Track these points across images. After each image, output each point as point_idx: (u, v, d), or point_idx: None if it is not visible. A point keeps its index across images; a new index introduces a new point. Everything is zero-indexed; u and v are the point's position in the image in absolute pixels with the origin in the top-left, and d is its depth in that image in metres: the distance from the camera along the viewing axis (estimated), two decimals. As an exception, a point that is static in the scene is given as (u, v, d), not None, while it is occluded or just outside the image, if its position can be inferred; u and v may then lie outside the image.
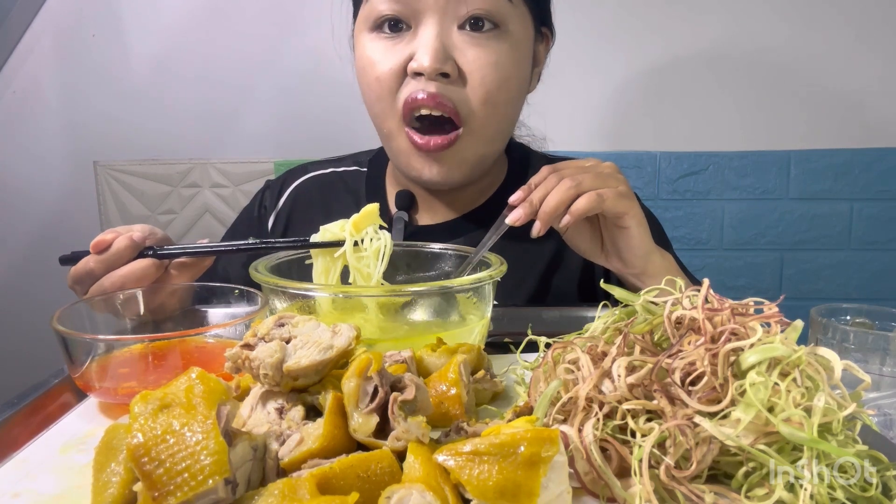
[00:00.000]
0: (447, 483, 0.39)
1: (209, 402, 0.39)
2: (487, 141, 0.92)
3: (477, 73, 0.85)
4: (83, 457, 0.49)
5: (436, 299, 0.71)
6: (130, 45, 1.70)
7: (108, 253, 0.73)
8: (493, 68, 0.85)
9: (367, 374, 0.44)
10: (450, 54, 0.84)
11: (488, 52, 0.85)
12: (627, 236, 0.81)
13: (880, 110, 1.70)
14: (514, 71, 0.89)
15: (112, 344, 0.59)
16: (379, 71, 0.86)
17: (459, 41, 0.84)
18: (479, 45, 0.85)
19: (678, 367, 0.44)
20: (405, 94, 0.86)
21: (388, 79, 0.86)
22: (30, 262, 1.76)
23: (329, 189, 1.09)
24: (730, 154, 1.73)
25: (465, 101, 0.86)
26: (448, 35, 0.84)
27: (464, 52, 0.84)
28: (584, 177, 0.78)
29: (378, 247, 0.73)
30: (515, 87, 0.91)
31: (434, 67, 0.82)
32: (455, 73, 0.84)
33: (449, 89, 0.85)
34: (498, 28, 0.85)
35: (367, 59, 0.87)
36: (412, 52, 0.84)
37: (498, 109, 0.89)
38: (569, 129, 1.70)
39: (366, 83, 0.90)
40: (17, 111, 1.72)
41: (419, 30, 0.84)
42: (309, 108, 1.72)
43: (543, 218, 0.76)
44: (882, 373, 0.70)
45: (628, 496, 0.42)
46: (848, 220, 1.74)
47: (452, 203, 1.02)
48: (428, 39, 0.83)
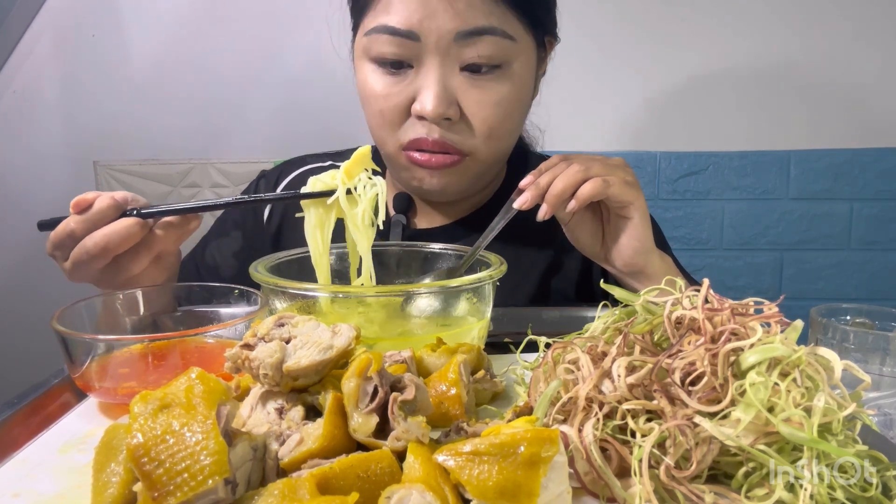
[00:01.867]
0: (447, 483, 0.39)
1: (209, 403, 0.39)
2: (491, 164, 0.93)
3: (479, 114, 0.85)
4: (83, 457, 0.49)
5: (436, 299, 0.71)
6: (130, 45, 1.70)
7: (90, 212, 0.69)
8: (494, 108, 0.85)
9: (367, 374, 0.44)
10: (453, 97, 0.84)
11: (490, 93, 0.85)
12: (630, 228, 0.81)
13: (880, 110, 1.70)
14: (516, 106, 0.89)
15: (112, 344, 0.59)
16: (383, 106, 0.86)
17: (461, 83, 0.84)
18: (480, 87, 0.84)
19: (678, 367, 0.44)
20: (410, 135, 0.86)
21: (392, 114, 0.86)
22: (30, 262, 1.76)
23: None
24: (730, 154, 1.73)
25: (468, 139, 0.87)
26: (450, 77, 0.83)
27: (466, 93, 0.84)
28: (593, 164, 0.79)
29: (373, 194, 0.72)
30: (518, 118, 0.92)
31: (438, 113, 0.82)
32: (457, 116, 0.85)
33: (452, 131, 0.85)
34: (500, 68, 0.85)
35: (370, 89, 0.87)
36: (415, 91, 0.84)
37: (501, 141, 0.91)
38: (568, 130, 1.70)
39: (369, 111, 0.90)
40: (18, 111, 1.72)
41: (421, 70, 0.84)
42: (309, 108, 1.72)
43: (550, 201, 0.77)
44: (882, 373, 0.70)
45: (628, 496, 0.42)
46: (848, 220, 1.74)
47: (450, 207, 1.02)
48: (431, 84, 0.82)
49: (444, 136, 0.85)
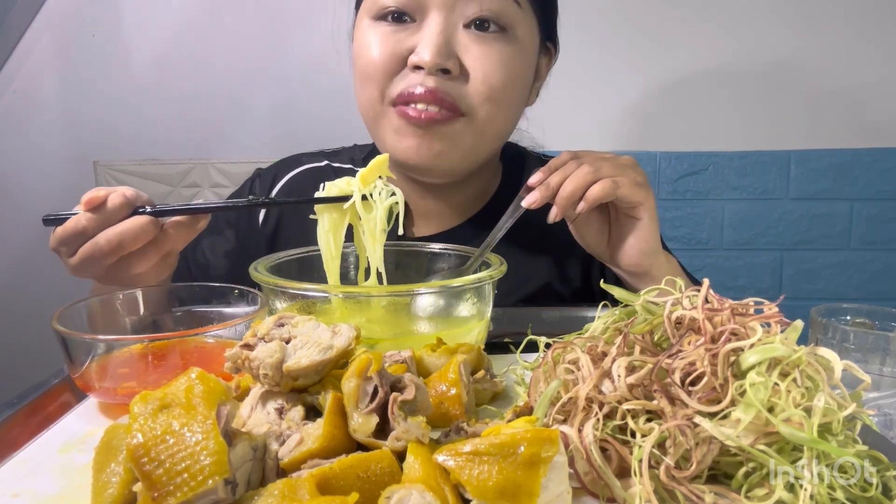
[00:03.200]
0: (447, 483, 0.39)
1: (209, 403, 0.39)
2: (486, 138, 0.89)
3: (480, 70, 0.82)
4: (83, 457, 0.49)
5: (437, 299, 0.71)
6: (130, 46, 1.70)
7: (104, 210, 0.68)
8: (498, 66, 0.82)
9: (367, 375, 0.44)
10: (453, 51, 0.81)
11: (493, 51, 0.82)
12: (638, 229, 0.80)
13: (880, 110, 1.70)
14: (519, 72, 0.86)
15: (112, 344, 0.59)
16: (375, 54, 0.83)
17: (465, 39, 0.82)
18: (484, 44, 0.82)
19: (678, 367, 0.44)
20: (401, 86, 0.82)
21: (384, 63, 0.82)
22: (30, 261, 1.76)
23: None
24: (730, 154, 1.73)
25: (467, 97, 0.83)
26: (453, 32, 0.81)
27: (468, 49, 0.82)
28: (603, 164, 0.78)
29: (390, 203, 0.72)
30: (520, 88, 0.89)
31: (435, 62, 0.79)
32: (457, 70, 0.81)
33: (449, 85, 0.82)
34: (505, 31, 0.83)
35: (365, 43, 0.84)
36: (414, 44, 0.81)
37: (501, 108, 0.86)
38: (568, 130, 1.69)
39: (360, 66, 0.86)
40: (18, 111, 1.72)
41: (423, 23, 0.81)
42: (309, 109, 1.72)
43: (560, 203, 0.76)
44: (882, 373, 0.70)
45: (628, 496, 0.42)
46: (848, 220, 1.74)
47: (447, 211, 0.99)
48: (431, 33, 0.80)
49: (440, 88, 0.81)
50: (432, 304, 0.70)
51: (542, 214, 0.79)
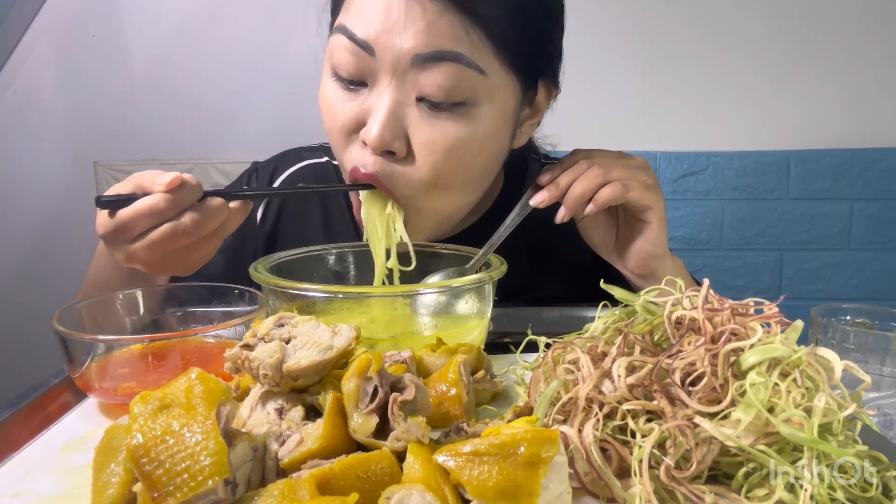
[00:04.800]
0: (447, 483, 0.39)
1: (209, 403, 0.39)
2: (441, 218, 0.83)
3: (428, 156, 0.73)
4: (83, 457, 0.49)
5: (437, 299, 0.71)
6: (130, 46, 1.70)
7: (182, 192, 0.66)
8: (447, 153, 0.73)
9: (367, 375, 0.44)
10: (401, 129, 0.73)
11: (445, 133, 0.73)
12: (646, 232, 0.79)
13: (880, 110, 1.70)
14: (475, 155, 0.76)
15: (112, 344, 0.59)
16: (335, 122, 0.77)
17: (415, 115, 0.73)
18: (433, 125, 0.72)
19: (678, 367, 0.44)
20: (352, 158, 0.77)
21: (340, 132, 0.77)
22: (30, 262, 1.76)
23: (325, 181, 1.03)
24: (730, 154, 1.73)
25: (408, 183, 0.75)
26: (404, 106, 0.72)
27: (419, 128, 0.73)
28: (615, 165, 0.77)
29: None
30: (478, 169, 0.80)
31: (378, 143, 0.72)
32: (403, 152, 0.74)
33: (391, 169, 0.75)
34: (463, 106, 0.73)
35: (326, 102, 0.79)
36: (366, 112, 0.74)
37: (450, 193, 0.79)
38: (568, 130, 1.69)
39: (324, 126, 0.82)
40: (17, 111, 1.72)
41: (374, 92, 0.74)
42: (309, 108, 1.71)
43: (569, 204, 0.75)
44: (882, 373, 0.70)
45: (628, 496, 0.42)
46: (848, 220, 1.74)
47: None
48: (380, 108, 0.72)
49: (380, 172, 0.74)
50: (432, 304, 0.70)
51: (548, 213, 0.78)
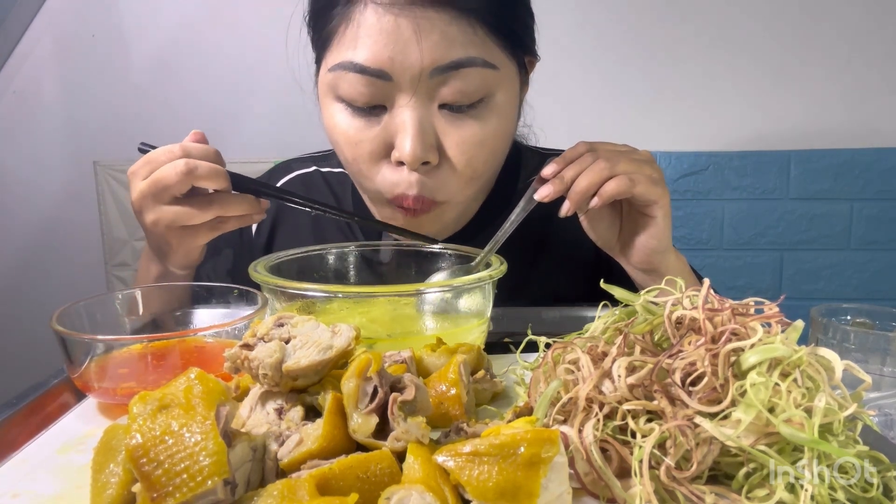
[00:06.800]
0: (447, 484, 0.39)
1: (208, 403, 0.39)
2: (469, 203, 0.88)
3: (462, 156, 0.77)
4: (82, 457, 0.49)
5: (437, 298, 0.71)
6: (130, 46, 1.70)
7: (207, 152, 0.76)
8: (478, 149, 0.78)
9: (367, 375, 0.44)
10: (432, 139, 0.76)
11: (473, 131, 0.77)
12: (651, 227, 0.79)
13: (881, 110, 1.70)
14: (501, 141, 0.82)
15: (111, 344, 0.59)
16: (356, 153, 0.79)
17: (441, 122, 0.76)
18: (461, 127, 0.76)
19: (678, 367, 0.44)
20: (389, 181, 0.79)
21: (368, 161, 0.79)
22: (30, 262, 1.76)
23: (314, 191, 1.04)
24: (730, 154, 1.73)
25: (447, 185, 0.79)
26: (428, 116, 0.75)
27: (446, 133, 0.76)
28: (620, 159, 0.76)
29: None
30: (502, 153, 0.85)
31: (417, 158, 0.75)
32: (437, 159, 0.77)
33: (431, 176, 0.78)
34: (482, 101, 0.77)
35: (342, 133, 0.79)
36: (391, 135, 0.76)
37: (483, 180, 0.84)
38: (568, 129, 1.69)
39: (342, 156, 0.83)
40: (17, 111, 1.72)
41: (396, 112, 0.75)
42: (309, 109, 1.71)
43: (574, 198, 0.75)
44: (882, 373, 0.70)
45: (628, 497, 0.42)
46: (848, 220, 1.74)
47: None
48: (408, 126, 0.74)
49: (423, 191, 0.78)
50: (432, 303, 0.70)
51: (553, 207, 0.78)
